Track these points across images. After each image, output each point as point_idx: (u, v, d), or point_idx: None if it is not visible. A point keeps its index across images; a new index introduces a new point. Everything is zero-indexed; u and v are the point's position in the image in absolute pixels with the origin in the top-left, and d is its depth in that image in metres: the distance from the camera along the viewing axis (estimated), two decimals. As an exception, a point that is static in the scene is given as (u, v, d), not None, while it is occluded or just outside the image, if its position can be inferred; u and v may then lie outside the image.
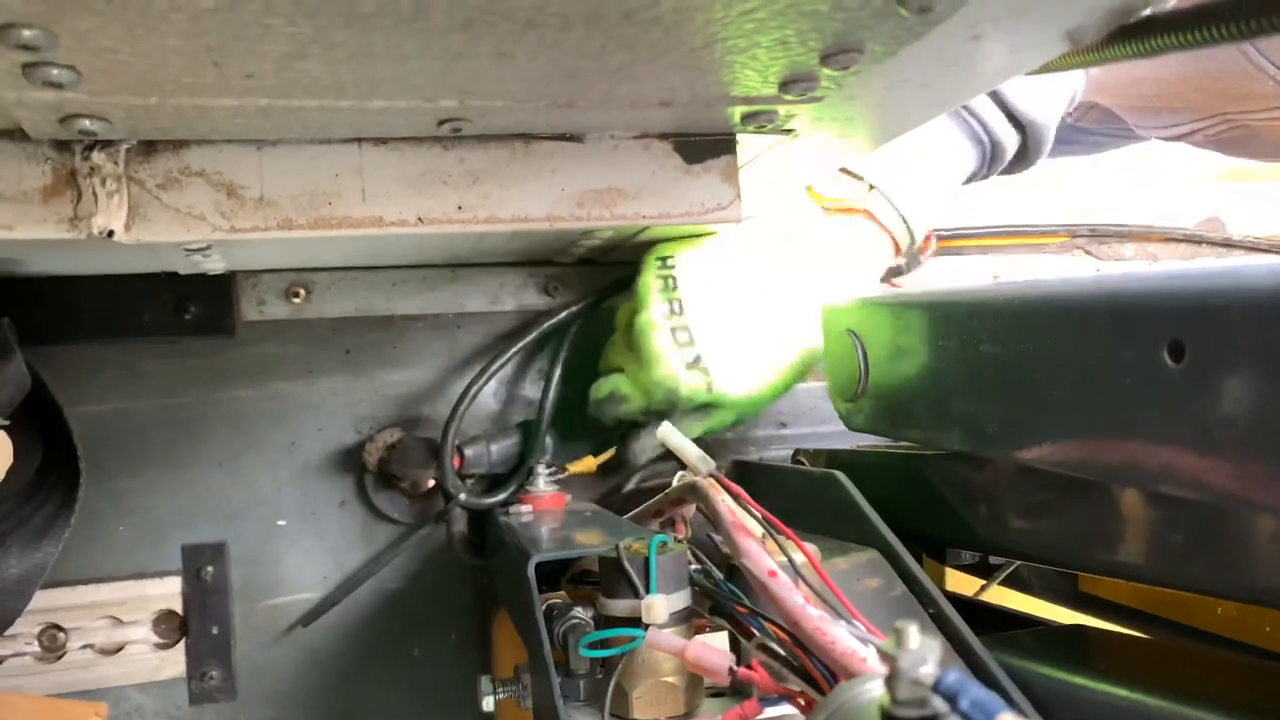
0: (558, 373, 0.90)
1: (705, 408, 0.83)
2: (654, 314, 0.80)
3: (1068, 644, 0.66)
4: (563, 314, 0.91)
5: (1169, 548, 0.54)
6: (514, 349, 0.89)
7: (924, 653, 0.32)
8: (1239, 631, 0.66)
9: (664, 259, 0.82)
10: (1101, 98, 1.12)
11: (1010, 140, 0.92)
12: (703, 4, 0.41)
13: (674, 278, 0.81)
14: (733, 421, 0.86)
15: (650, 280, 0.81)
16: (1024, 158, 0.96)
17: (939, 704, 0.32)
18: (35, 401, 0.73)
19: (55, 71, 0.42)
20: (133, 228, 0.55)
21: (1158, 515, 0.55)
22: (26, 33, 0.38)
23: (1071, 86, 0.99)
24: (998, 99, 0.91)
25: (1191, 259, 1.30)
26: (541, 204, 0.62)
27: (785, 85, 0.53)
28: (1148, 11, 0.45)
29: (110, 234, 0.54)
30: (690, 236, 0.82)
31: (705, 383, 0.79)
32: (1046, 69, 0.52)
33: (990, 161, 0.94)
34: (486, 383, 0.87)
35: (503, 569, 0.76)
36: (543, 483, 0.86)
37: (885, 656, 0.33)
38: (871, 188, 0.89)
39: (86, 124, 0.49)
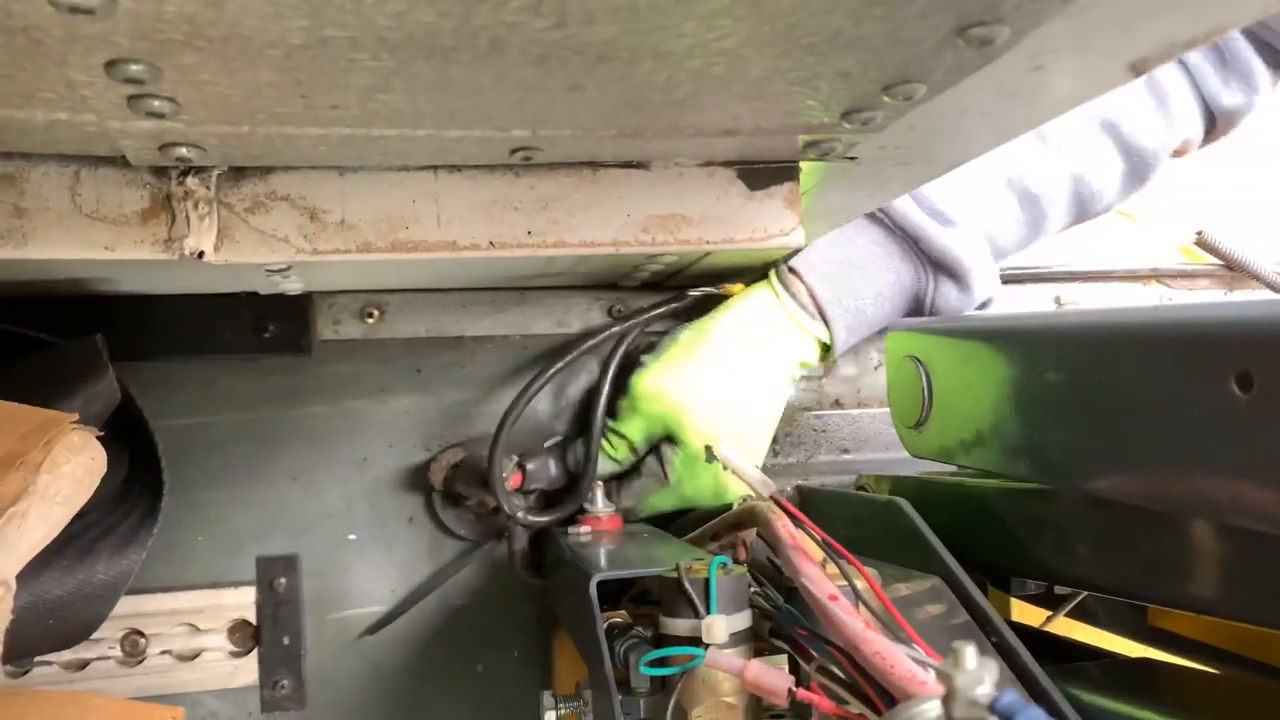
0: (605, 389, 0.91)
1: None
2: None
3: (1136, 677, 0.65)
4: (599, 336, 0.91)
5: (1243, 580, 0.53)
6: (550, 373, 0.89)
7: (981, 673, 0.32)
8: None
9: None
10: None
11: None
12: (766, 39, 0.43)
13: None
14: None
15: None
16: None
17: (995, 724, 0.32)
18: (123, 414, 0.77)
19: (157, 103, 0.45)
20: (221, 249, 0.58)
21: (1231, 546, 0.54)
22: (134, 67, 0.40)
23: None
24: None
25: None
26: (608, 229, 0.64)
27: (847, 115, 0.53)
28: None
29: (201, 255, 0.57)
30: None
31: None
32: None
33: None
34: (525, 407, 0.87)
35: (562, 588, 0.77)
36: (601, 503, 0.87)
37: (942, 676, 0.33)
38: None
39: (183, 151, 0.52)
